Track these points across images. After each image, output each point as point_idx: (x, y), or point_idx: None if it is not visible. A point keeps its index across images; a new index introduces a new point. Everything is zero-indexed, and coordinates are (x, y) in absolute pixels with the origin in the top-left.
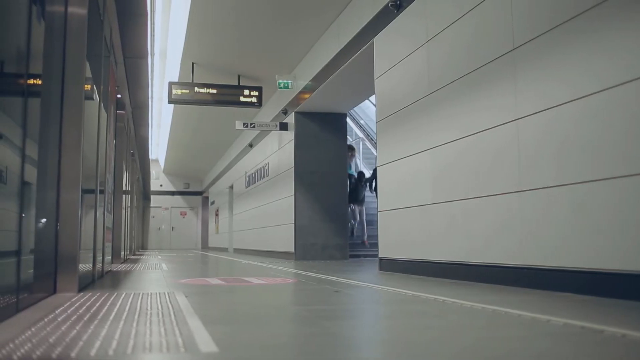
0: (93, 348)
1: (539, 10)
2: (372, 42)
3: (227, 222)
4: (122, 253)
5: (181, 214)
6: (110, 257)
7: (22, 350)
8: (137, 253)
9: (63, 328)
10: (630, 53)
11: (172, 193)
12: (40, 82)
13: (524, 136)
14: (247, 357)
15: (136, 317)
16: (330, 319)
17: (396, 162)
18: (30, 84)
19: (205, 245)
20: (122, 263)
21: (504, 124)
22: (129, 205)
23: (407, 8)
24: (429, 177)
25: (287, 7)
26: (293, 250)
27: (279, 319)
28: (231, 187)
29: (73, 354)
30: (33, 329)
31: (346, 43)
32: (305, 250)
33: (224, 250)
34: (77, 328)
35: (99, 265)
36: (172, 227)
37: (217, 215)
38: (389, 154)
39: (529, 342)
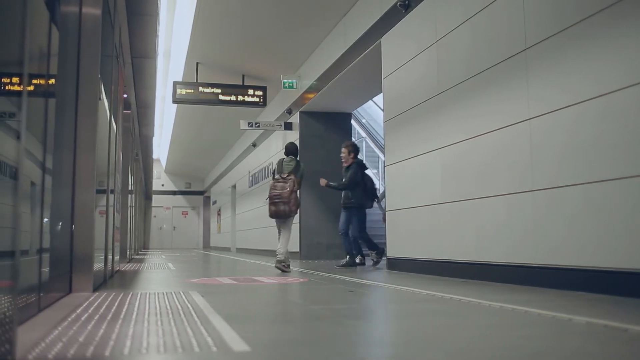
0: (125, 347)
1: (551, 10)
2: (380, 42)
3: (229, 222)
4: (128, 252)
5: (182, 214)
6: (118, 257)
7: (56, 349)
8: (140, 253)
9: (89, 327)
10: (636, 54)
11: (174, 193)
12: (55, 82)
13: (536, 136)
14: (280, 355)
15: (158, 316)
16: (352, 318)
17: (404, 162)
18: (49, 84)
19: (206, 245)
20: (128, 262)
21: (515, 123)
22: (132, 204)
23: (416, 8)
24: (438, 176)
25: (293, 7)
26: (298, 250)
27: (301, 317)
28: (234, 186)
29: (107, 353)
30: (60, 328)
31: (353, 43)
32: (310, 249)
33: (226, 249)
34: (104, 327)
35: (109, 264)
36: (174, 227)
37: (219, 214)
38: (397, 154)
39: (556, 341)
